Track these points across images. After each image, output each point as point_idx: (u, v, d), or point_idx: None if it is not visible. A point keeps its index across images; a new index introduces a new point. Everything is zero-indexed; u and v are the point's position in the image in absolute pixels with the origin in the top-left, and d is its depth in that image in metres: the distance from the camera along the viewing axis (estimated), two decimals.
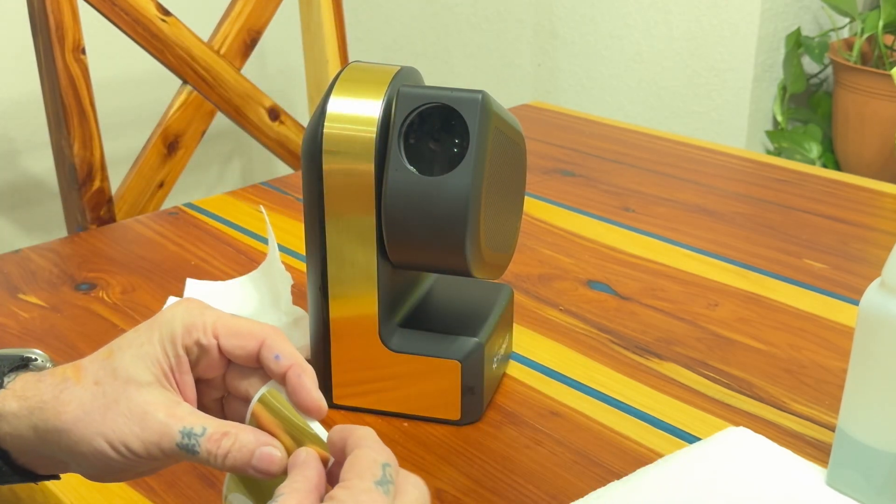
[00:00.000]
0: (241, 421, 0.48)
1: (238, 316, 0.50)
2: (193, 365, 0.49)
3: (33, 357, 0.52)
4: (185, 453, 0.46)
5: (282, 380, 0.47)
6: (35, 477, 0.51)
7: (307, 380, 0.47)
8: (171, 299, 0.82)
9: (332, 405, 0.69)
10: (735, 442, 0.64)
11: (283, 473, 0.45)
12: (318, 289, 0.66)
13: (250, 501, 0.48)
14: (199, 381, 0.50)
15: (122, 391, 0.47)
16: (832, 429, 0.63)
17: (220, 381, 0.50)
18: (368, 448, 0.43)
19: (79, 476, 0.62)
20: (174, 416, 0.46)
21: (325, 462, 0.45)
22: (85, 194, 1.10)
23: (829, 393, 0.72)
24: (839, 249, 0.96)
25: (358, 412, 0.69)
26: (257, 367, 0.49)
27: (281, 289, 0.78)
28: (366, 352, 0.67)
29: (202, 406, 0.50)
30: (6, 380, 0.49)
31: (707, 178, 1.14)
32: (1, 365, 0.50)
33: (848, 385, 0.58)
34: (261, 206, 0.82)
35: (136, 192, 1.17)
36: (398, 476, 0.44)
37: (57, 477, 0.52)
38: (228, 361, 0.49)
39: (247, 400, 0.48)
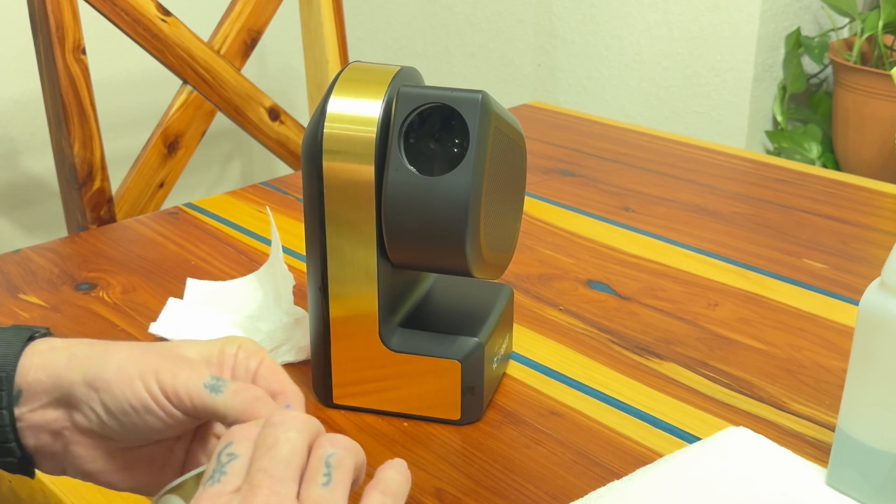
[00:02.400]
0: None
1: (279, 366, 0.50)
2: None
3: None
4: (208, 392, 0.45)
5: None
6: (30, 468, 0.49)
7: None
8: (172, 300, 0.82)
9: (332, 405, 0.69)
10: (735, 442, 0.64)
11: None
12: (318, 289, 0.66)
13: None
14: None
15: (165, 347, 0.48)
16: (832, 429, 0.63)
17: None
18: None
19: None
20: (205, 370, 0.47)
21: None
22: (85, 194, 1.10)
23: (829, 393, 0.72)
24: (839, 249, 0.96)
25: (358, 412, 0.69)
26: None
27: (282, 289, 0.78)
28: (366, 352, 0.67)
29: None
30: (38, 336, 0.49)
31: (707, 178, 1.14)
32: (24, 331, 0.49)
33: (848, 385, 0.58)
34: (266, 207, 0.82)
35: (137, 192, 1.17)
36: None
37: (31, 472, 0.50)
38: None
39: None
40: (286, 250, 0.90)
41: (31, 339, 0.49)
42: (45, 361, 0.47)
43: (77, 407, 0.47)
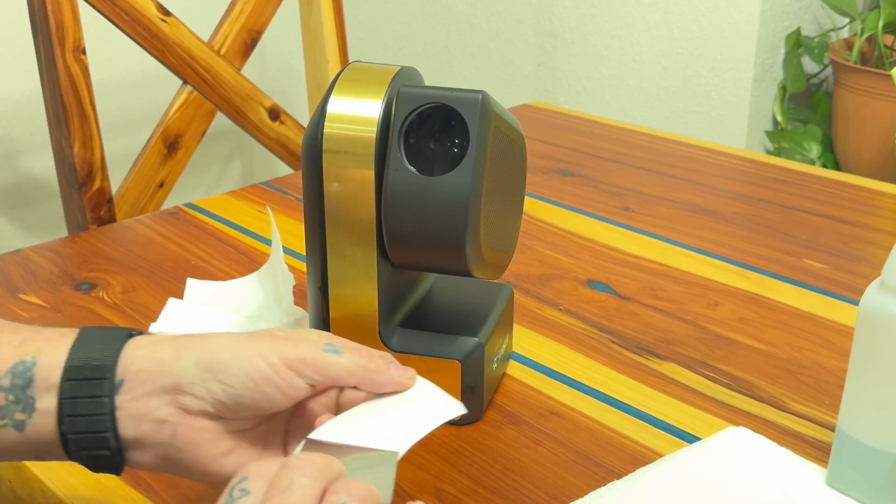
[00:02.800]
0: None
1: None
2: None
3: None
4: (330, 355, 0.48)
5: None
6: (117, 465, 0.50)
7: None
8: (172, 300, 0.82)
9: None
10: (735, 442, 0.64)
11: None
12: (318, 289, 0.66)
13: None
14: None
15: (266, 331, 0.50)
16: (832, 429, 0.63)
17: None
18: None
19: (79, 476, 0.62)
20: (319, 337, 0.50)
21: None
22: (85, 194, 1.10)
23: (829, 393, 0.72)
24: (839, 249, 0.96)
25: None
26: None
27: (282, 289, 0.78)
28: None
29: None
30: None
31: (707, 178, 1.14)
32: (123, 330, 0.51)
33: (848, 385, 0.58)
34: (267, 207, 0.82)
35: (137, 192, 1.17)
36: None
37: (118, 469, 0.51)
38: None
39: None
40: (286, 250, 0.90)
41: (131, 336, 0.50)
42: (150, 353, 0.48)
43: (188, 391, 0.48)
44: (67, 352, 0.48)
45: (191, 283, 0.85)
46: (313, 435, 0.47)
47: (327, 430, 0.48)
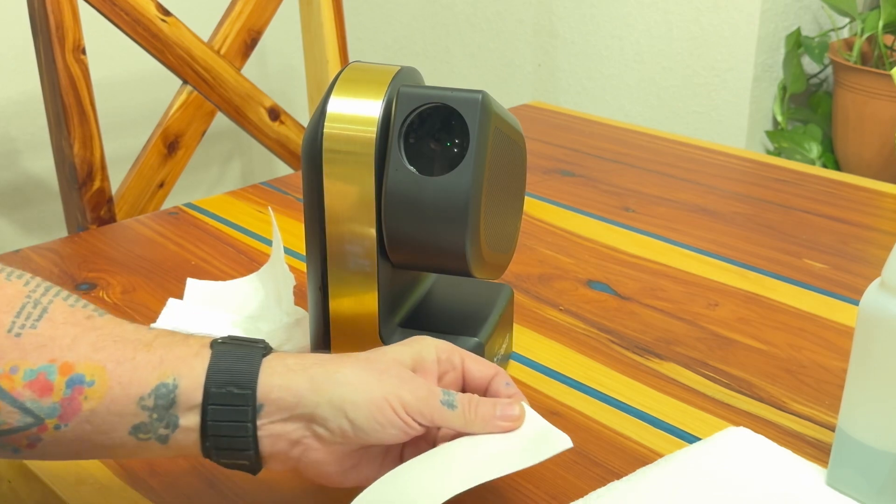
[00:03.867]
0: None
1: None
2: (439, 379, 0.57)
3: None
4: (445, 409, 0.54)
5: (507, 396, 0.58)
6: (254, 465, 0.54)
7: (523, 405, 0.58)
8: (171, 301, 0.82)
9: None
10: (735, 442, 0.64)
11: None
12: (318, 289, 0.66)
13: None
14: None
15: (393, 366, 0.54)
16: (832, 429, 0.63)
17: None
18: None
19: (79, 476, 0.62)
20: (435, 385, 0.55)
21: None
22: (85, 194, 1.10)
23: (829, 393, 0.72)
24: (839, 249, 0.96)
25: None
26: (482, 392, 0.58)
27: (283, 289, 0.78)
28: None
29: None
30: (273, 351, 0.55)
31: (707, 178, 1.14)
32: (265, 342, 0.55)
33: (848, 385, 0.58)
34: (269, 208, 0.82)
35: (137, 192, 1.17)
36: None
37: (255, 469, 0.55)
38: (463, 386, 0.58)
39: None
40: (286, 250, 0.90)
41: (263, 355, 0.54)
42: (286, 382, 0.52)
43: (321, 423, 0.53)
44: (205, 374, 0.52)
45: (191, 283, 0.85)
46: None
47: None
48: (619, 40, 1.98)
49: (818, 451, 0.65)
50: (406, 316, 0.69)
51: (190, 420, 0.52)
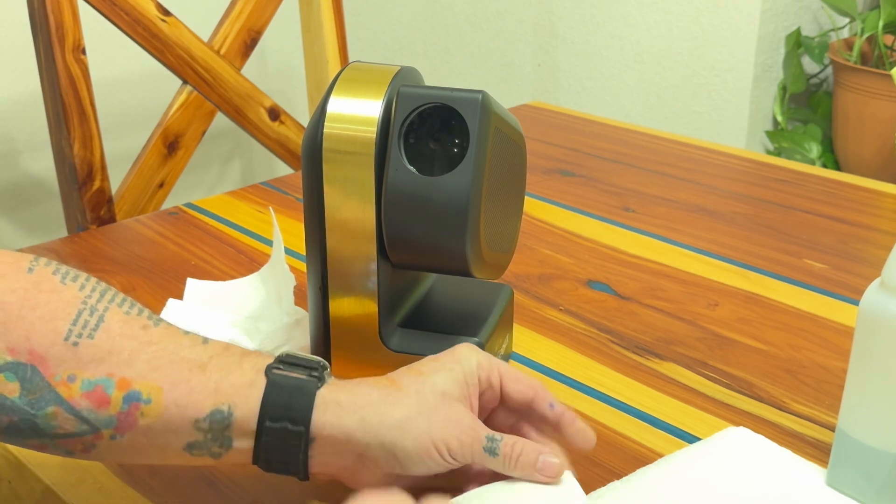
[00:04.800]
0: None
1: (515, 368, 0.60)
2: (479, 396, 0.58)
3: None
4: (487, 456, 0.55)
5: (556, 425, 0.58)
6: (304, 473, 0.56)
7: (580, 423, 0.58)
8: (171, 301, 0.82)
9: None
10: (735, 442, 0.64)
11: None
12: (318, 289, 0.66)
13: None
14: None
15: (441, 403, 0.55)
16: (832, 429, 0.63)
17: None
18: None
19: (79, 476, 0.62)
20: (479, 426, 0.56)
21: None
22: (85, 194, 1.10)
23: (829, 393, 0.72)
24: (839, 249, 0.96)
25: None
26: (523, 410, 0.59)
27: (283, 290, 0.78)
28: (366, 352, 0.67)
29: None
30: (327, 376, 0.56)
31: (707, 178, 1.14)
32: (318, 365, 0.56)
33: (848, 385, 0.58)
34: (269, 208, 0.82)
35: (137, 192, 1.17)
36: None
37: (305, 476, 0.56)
38: (500, 402, 0.59)
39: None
40: (287, 250, 0.90)
41: (317, 387, 0.54)
42: (338, 422, 0.54)
43: (371, 460, 0.54)
44: (259, 405, 0.53)
45: (191, 283, 0.85)
46: None
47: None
48: (619, 40, 1.98)
49: (818, 451, 0.65)
50: (406, 316, 0.69)
51: (244, 444, 0.53)
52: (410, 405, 0.54)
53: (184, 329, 0.55)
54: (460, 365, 0.57)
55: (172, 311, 0.80)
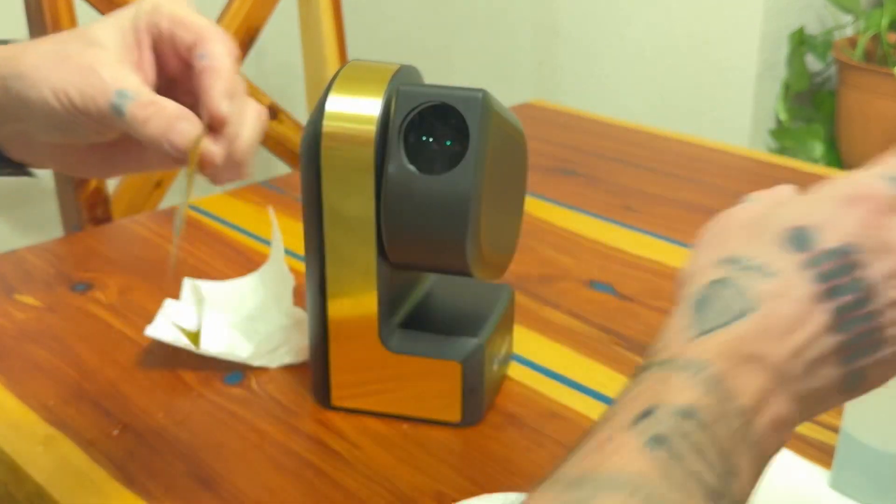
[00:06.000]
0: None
1: (199, 15, 0.52)
2: (157, 49, 0.52)
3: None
4: (113, 114, 0.48)
5: (197, 80, 0.50)
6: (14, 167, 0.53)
7: (218, 84, 0.49)
8: (168, 301, 0.81)
9: (330, 407, 0.69)
10: None
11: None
12: (317, 289, 0.66)
13: None
14: (167, 81, 0.53)
15: (79, 50, 0.50)
16: (835, 430, 0.62)
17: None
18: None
19: (75, 478, 0.62)
20: (116, 77, 0.49)
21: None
22: (81, 194, 1.09)
23: None
24: None
25: (357, 414, 0.68)
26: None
27: (282, 290, 0.78)
28: (365, 353, 0.66)
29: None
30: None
31: (710, 177, 1.14)
32: None
33: None
34: (269, 209, 0.81)
35: (133, 191, 1.17)
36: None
37: (29, 173, 0.53)
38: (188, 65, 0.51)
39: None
40: (286, 250, 0.89)
41: None
42: None
43: (23, 122, 0.51)
44: None
45: (188, 282, 0.84)
46: None
47: None
48: (620, 38, 1.97)
49: (821, 453, 0.64)
50: (406, 316, 0.68)
51: None
52: (44, 53, 0.50)
53: None
54: (134, 9, 0.51)
55: (169, 312, 0.80)
